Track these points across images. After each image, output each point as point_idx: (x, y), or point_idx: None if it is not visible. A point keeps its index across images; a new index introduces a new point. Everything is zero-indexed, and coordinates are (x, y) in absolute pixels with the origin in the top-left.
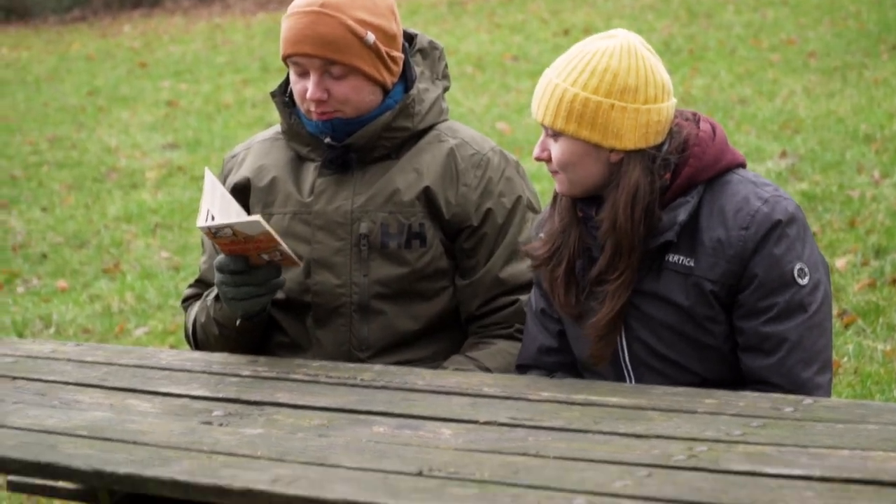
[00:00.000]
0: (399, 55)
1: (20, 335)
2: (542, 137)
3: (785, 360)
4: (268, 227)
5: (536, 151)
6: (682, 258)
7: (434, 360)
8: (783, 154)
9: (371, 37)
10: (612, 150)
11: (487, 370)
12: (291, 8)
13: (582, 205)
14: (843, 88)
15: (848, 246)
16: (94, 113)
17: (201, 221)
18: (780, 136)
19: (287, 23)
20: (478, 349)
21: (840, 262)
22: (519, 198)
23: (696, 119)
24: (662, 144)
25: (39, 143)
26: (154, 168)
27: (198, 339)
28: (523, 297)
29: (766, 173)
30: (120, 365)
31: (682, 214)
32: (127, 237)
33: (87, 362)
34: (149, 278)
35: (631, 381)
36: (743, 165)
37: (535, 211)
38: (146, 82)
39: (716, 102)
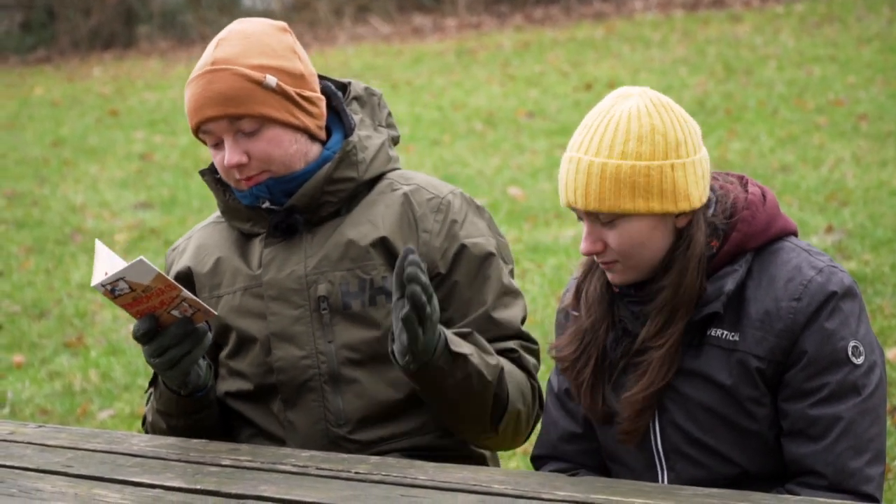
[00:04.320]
0: (316, 95)
1: None
2: (588, 228)
3: (833, 447)
4: (157, 269)
5: (587, 246)
6: (725, 332)
7: (423, 433)
8: (829, 229)
9: (272, 79)
10: (678, 215)
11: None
12: (189, 79)
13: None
14: None
15: None
16: (58, 166)
17: (95, 280)
18: (825, 208)
19: (186, 94)
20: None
21: (891, 353)
22: (485, 244)
23: (743, 182)
24: (712, 207)
25: None
26: (124, 230)
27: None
28: (517, 346)
29: None
30: (86, 450)
31: (730, 284)
32: (92, 307)
33: (49, 446)
34: (115, 355)
35: (663, 472)
36: (795, 234)
37: (506, 261)
38: (117, 133)
39: (754, 169)
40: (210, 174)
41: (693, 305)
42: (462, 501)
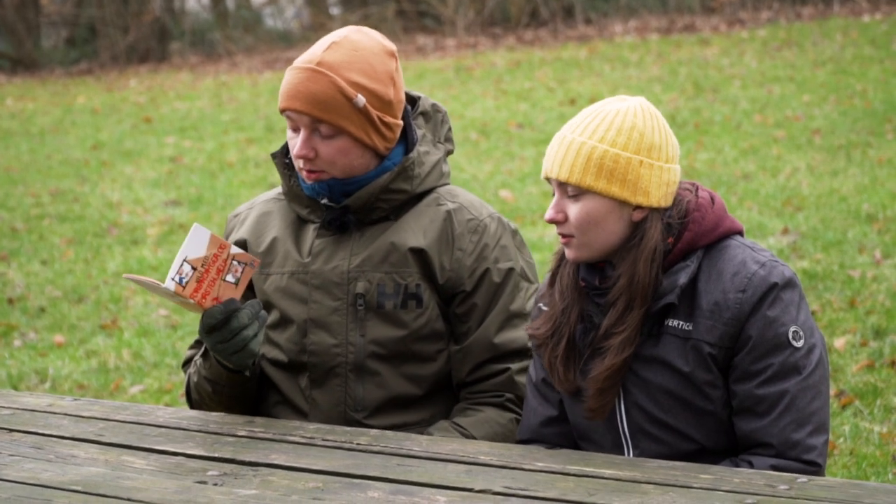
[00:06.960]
0: (395, 122)
1: (15, 389)
2: (556, 199)
3: (777, 421)
4: (208, 230)
5: (550, 213)
6: (680, 322)
7: (431, 423)
8: (785, 231)
9: (361, 100)
10: (636, 208)
11: (472, 438)
12: (295, 62)
13: (584, 273)
14: (846, 167)
15: (847, 326)
16: (97, 167)
17: (168, 283)
18: (782, 212)
19: (286, 76)
20: (465, 416)
21: (839, 342)
22: (513, 266)
23: (694, 188)
24: (669, 209)
25: (42, 196)
26: (155, 224)
27: (192, 400)
28: (514, 366)
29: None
30: (116, 421)
31: (683, 278)
32: (126, 294)
33: (83, 417)
34: (146, 336)
35: (629, 449)
36: (741, 233)
37: (529, 280)
38: (150, 138)
39: (719, 177)
40: (281, 157)
41: (648, 296)
42: (452, 470)
